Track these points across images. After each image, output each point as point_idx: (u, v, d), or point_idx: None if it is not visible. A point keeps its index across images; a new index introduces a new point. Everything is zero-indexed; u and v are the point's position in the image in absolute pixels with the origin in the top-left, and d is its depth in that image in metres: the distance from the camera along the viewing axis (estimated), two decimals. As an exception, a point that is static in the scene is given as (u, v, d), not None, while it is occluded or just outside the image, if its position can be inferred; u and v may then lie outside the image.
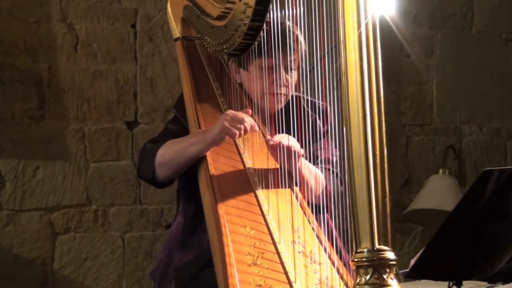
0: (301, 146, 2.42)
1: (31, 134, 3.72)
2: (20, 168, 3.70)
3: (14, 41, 3.70)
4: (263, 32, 2.40)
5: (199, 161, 2.47)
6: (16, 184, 3.70)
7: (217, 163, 2.45)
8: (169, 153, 2.50)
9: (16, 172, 3.70)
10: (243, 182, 2.42)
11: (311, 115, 2.56)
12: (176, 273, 2.46)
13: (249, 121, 2.40)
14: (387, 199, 1.72)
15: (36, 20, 3.75)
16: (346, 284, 2.19)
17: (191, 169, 2.49)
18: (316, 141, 2.55)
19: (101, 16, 3.86)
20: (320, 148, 2.56)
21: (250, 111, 2.44)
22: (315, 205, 2.40)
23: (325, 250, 2.28)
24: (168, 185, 2.60)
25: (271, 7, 2.35)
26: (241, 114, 2.41)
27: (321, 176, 2.49)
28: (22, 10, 3.71)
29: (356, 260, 1.73)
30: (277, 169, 2.45)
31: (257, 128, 2.43)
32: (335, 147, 2.53)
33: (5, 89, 3.68)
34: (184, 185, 2.59)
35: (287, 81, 2.54)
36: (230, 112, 2.43)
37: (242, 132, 2.40)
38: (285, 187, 2.41)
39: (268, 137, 2.45)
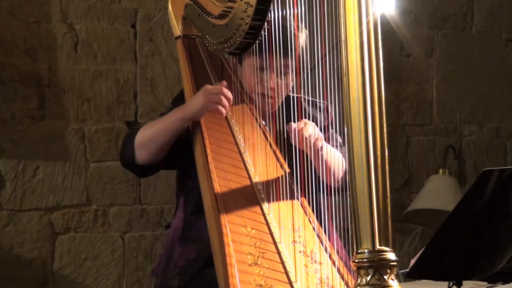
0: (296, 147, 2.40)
1: (31, 134, 3.72)
2: (20, 168, 3.70)
3: (14, 41, 3.70)
4: (264, 31, 2.40)
5: (199, 161, 2.46)
6: (16, 184, 3.70)
7: (218, 163, 2.44)
8: (148, 134, 2.49)
9: (16, 172, 3.70)
10: (243, 182, 2.42)
11: (311, 114, 2.55)
12: (179, 270, 2.46)
13: (227, 94, 2.42)
14: (388, 200, 1.72)
15: (36, 20, 3.75)
16: (346, 283, 2.19)
17: (191, 168, 2.49)
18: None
19: (101, 16, 3.86)
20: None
21: (225, 82, 2.45)
22: (335, 188, 2.37)
23: (325, 249, 2.28)
24: (149, 171, 2.58)
25: (272, 6, 2.35)
26: (219, 89, 2.42)
27: (341, 158, 2.47)
28: (22, 10, 3.71)
29: (356, 260, 1.73)
30: (278, 167, 2.45)
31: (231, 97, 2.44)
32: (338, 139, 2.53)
33: (5, 89, 3.68)
34: (183, 181, 2.59)
35: (274, 84, 2.52)
36: (208, 86, 2.44)
37: (223, 108, 2.41)
38: (286, 186, 2.40)
39: (293, 124, 2.40)
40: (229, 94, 2.43)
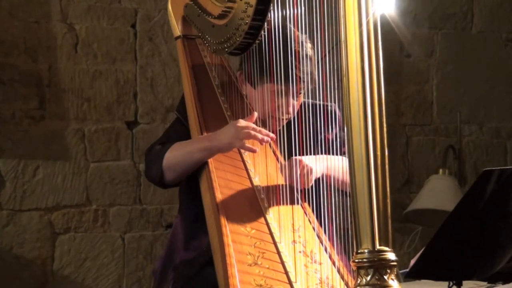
0: (304, 154, 2.39)
1: (31, 134, 3.72)
2: (20, 168, 3.70)
3: (14, 41, 3.70)
4: (264, 31, 2.40)
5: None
6: (16, 184, 3.70)
7: (217, 163, 2.45)
8: (176, 157, 2.49)
9: (16, 172, 3.70)
10: (243, 182, 2.42)
11: (313, 124, 2.54)
12: (174, 272, 2.46)
13: (259, 133, 2.37)
14: (388, 200, 1.72)
15: (36, 20, 3.75)
16: (346, 284, 2.20)
17: (195, 173, 2.49)
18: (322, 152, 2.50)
19: (101, 16, 3.86)
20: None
21: (256, 114, 2.42)
22: (344, 192, 2.38)
23: (325, 249, 2.28)
24: (175, 186, 2.61)
25: (272, 6, 2.35)
26: (251, 125, 2.37)
27: (346, 163, 2.46)
28: (22, 10, 3.71)
29: (356, 261, 1.73)
30: (278, 168, 2.45)
31: (271, 136, 2.40)
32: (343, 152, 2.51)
33: (5, 89, 3.68)
34: (186, 186, 2.59)
35: (292, 107, 2.52)
36: (241, 122, 2.39)
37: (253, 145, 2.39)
38: (286, 186, 2.40)
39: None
40: (261, 129, 2.38)
